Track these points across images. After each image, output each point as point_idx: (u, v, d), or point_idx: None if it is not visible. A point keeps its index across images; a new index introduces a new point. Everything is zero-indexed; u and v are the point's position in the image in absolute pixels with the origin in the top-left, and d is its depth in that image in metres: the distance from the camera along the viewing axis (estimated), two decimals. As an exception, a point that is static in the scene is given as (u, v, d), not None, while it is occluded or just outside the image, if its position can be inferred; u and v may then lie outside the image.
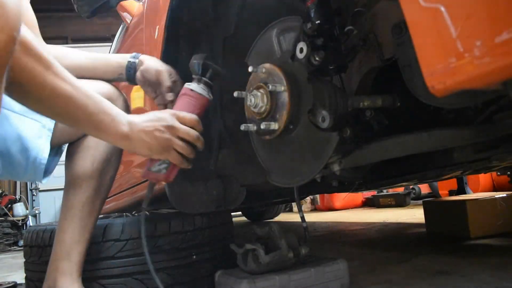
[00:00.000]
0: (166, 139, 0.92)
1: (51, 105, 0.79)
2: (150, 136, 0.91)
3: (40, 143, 1.06)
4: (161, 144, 0.92)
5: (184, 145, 0.95)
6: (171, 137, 0.93)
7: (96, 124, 0.85)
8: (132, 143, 0.90)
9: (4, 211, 5.49)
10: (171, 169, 0.97)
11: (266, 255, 1.12)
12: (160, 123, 0.92)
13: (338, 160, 0.92)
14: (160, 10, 1.26)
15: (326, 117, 0.85)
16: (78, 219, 1.07)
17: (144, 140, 0.90)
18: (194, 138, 0.96)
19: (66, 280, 1.05)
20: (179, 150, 0.94)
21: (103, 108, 0.86)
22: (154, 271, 1.00)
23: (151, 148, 0.91)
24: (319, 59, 0.86)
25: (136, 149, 0.91)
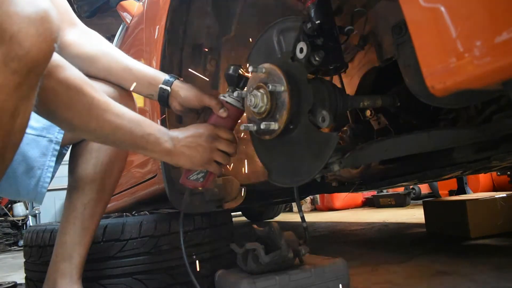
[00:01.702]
0: (208, 154, 0.97)
1: (97, 136, 0.86)
2: (193, 151, 0.96)
3: (45, 160, 1.04)
4: (204, 158, 0.97)
5: (224, 156, 1.00)
6: (213, 152, 0.98)
7: (142, 145, 0.90)
8: (175, 158, 0.95)
9: (4, 211, 5.49)
10: (208, 177, 1.02)
11: (266, 255, 1.12)
12: (202, 138, 0.97)
13: (338, 160, 0.92)
14: (160, 10, 1.26)
15: (326, 117, 0.85)
16: (79, 222, 1.07)
17: (187, 154, 0.95)
18: (232, 151, 1.01)
19: (66, 282, 1.05)
20: (220, 160, 1.00)
21: (146, 129, 0.90)
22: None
23: (193, 161, 0.96)
24: (319, 59, 0.86)
25: (179, 162, 0.96)
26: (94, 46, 1.06)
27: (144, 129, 0.90)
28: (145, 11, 1.57)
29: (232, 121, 1.04)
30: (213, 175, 1.03)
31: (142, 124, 0.91)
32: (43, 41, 0.62)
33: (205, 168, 1.00)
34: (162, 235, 1.24)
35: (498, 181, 3.94)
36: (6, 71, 0.59)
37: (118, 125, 0.86)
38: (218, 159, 1.00)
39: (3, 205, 5.52)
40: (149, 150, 0.92)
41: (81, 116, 0.81)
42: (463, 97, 0.76)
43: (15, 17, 0.59)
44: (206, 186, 1.05)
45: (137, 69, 1.07)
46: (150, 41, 1.39)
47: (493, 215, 1.94)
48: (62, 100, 0.78)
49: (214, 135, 0.99)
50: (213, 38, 1.26)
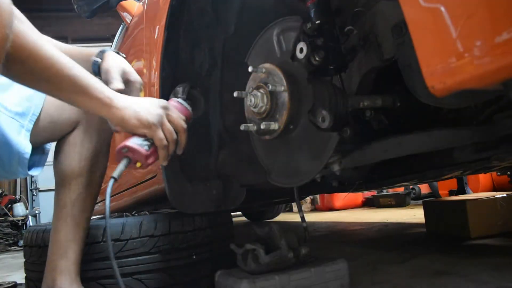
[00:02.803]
0: (158, 114, 0.88)
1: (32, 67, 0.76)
2: (142, 107, 0.86)
3: (21, 139, 1.05)
4: (153, 117, 0.87)
5: (172, 130, 0.90)
6: (164, 115, 0.89)
7: (81, 87, 0.80)
8: (119, 111, 0.84)
9: (4, 211, 5.49)
10: (153, 151, 0.89)
11: (266, 255, 1.12)
12: (155, 100, 0.90)
13: (338, 160, 0.92)
14: (160, 10, 1.26)
15: (326, 117, 0.85)
16: (70, 218, 1.08)
17: (133, 109, 0.85)
18: (183, 127, 0.93)
19: (65, 279, 1.06)
20: (166, 132, 0.89)
21: (87, 73, 0.83)
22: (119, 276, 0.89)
23: (140, 118, 0.85)
24: (319, 59, 0.86)
25: (123, 117, 0.84)
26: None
27: (84, 72, 0.82)
28: (145, 11, 1.57)
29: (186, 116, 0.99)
30: (156, 154, 0.89)
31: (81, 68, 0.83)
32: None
33: (151, 132, 0.87)
34: (162, 235, 1.25)
35: (498, 181, 3.94)
36: None
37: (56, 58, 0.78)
38: (166, 131, 0.89)
39: (3, 205, 5.52)
40: (89, 95, 0.81)
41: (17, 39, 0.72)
42: (463, 97, 0.76)
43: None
44: (147, 163, 0.88)
45: (70, 47, 1.08)
46: (150, 41, 1.39)
47: (493, 215, 1.94)
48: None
49: (167, 105, 0.92)
50: (213, 38, 1.26)
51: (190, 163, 1.26)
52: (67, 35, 7.75)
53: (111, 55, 1.07)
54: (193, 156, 1.27)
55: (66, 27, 7.62)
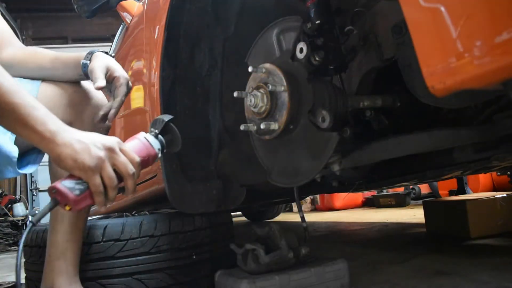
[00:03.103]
0: (99, 157, 0.79)
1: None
2: (82, 147, 0.78)
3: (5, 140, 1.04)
4: (91, 160, 0.78)
5: (113, 176, 0.81)
6: (105, 160, 0.80)
7: (22, 117, 0.75)
8: (57, 148, 0.77)
9: (4, 211, 5.49)
10: (85, 196, 0.80)
11: (266, 255, 1.12)
12: (100, 140, 0.81)
13: (338, 160, 0.92)
14: (160, 10, 1.26)
15: (326, 117, 0.85)
16: (67, 219, 1.08)
17: (73, 148, 0.78)
18: (129, 173, 0.82)
19: (64, 280, 1.06)
20: (105, 178, 0.80)
21: (35, 103, 0.78)
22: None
23: (76, 160, 0.78)
24: (319, 59, 0.86)
25: (60, 155, 0.78)
26: (22, 51, 1.13)
27: (28, 100, 0.77)
28: (145, 11, 1.57)
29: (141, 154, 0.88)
30: (90, 198, 0.81)
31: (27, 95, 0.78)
32: None
33: (87, 176, 0.79)
34: (162, 235, 1.25)
35: (498, 181, 3.94)
36: None
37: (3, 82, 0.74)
38: (105, 177, 0.80)
39: (3, 205, 5.52)
40: (30, 127, 0.75)
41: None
42: (463, 97, 0.76)
43: None
44: (75, 208, 0.79)
45: (63, 55, 1.09)
46: (150, 41, 1.39)
47: (493, 215, 1.94)
48: None
49: (117, 145, 0.82)
50: (213, 38, 1.26)
51: (190, 163, 1.26)
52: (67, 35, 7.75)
53: (98, 55, 1.07)
54: (193, 156, 1.27)
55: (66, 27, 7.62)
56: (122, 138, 0.90)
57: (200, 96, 1.29)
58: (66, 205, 0.79)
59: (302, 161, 0.94)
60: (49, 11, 7.22)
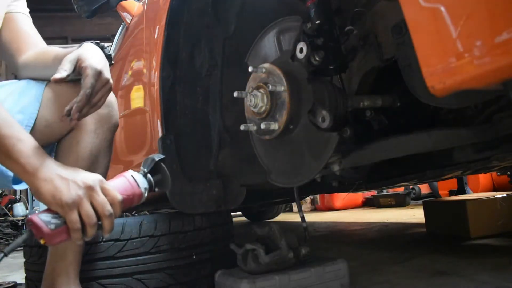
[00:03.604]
0: (77, 194, 0.79)
1: None
2: (62, 184, 0.79)
3: None
4: (69, 197, 0.79)
5: (91, 214, 0.81)
6: (84, 197, 0.80)
7: (4, 149, 0.77)
8: (37, 182, 0.79)
9: (4, 211, 5.49)
10: (60, 231, 0.80)
11: (266, 255, 1.12)
12: (81, 178, 0.82)
13: (338, 160, 0.92)
14: (160, 10, 1.26)
15: (326, 117, 0.85)
16: None
17: (53, 183, 0.79)
18: (105, 214, 0.82)
19: (63, 281, 1.05)
20: (83, 215, 0.80)
21: (21, 135, 0.79)
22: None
23: (55, 196, 0.78)
24: (319, 59, 0.86)
25: (39, 190, 0.79)
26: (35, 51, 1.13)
27: (16, 132, 0.78)
28: (145, 11, 1.57)
29: (125, 194, 0.87)
30: (67, 234, 0.80)
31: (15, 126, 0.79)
32: None
33: (63, 212, 0.79)
34: (162, 235, 1.25)
35: (498, 181, 3.94)
36: None
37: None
38: (83, 215, 0.80)
39: (3, 205, 5.52)
40: (13, 158, 0.77)
41: None
42: (463, 97, 0.76)
43: None
44: (51, 242, 0.80)
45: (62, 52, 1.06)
46: (150, 41, 1.39)
47: (493, 215, 1.93)
48: None
49: (98, 185, 0.82)
50: (213, 38, 1.26)
51: (190, 163, 1.26)
52: (67, 35, 7.76)
53: (84, 45, 1.01)
54: (193, 156, 1.27)
55: (66, 27, 7.62)
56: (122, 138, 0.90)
57: (200, 96, 1.29)
58: (41, 238, 0.79)
59: (302, 161, 0.94)
60: (49, 11, 7.22)
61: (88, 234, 0.82)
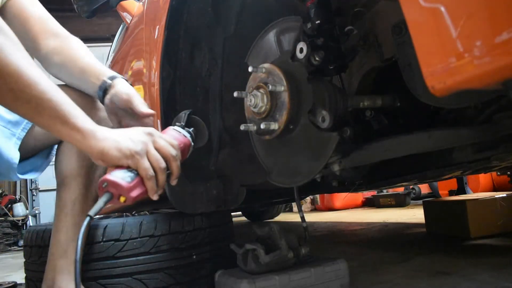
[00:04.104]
0: (141, 141, 0.80)
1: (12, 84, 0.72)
2: (123, 138, 0.79)
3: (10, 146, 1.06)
4: (136, 146, 0.78)
5: (159, 157, 0.81)
6: (148, 142, 0.81)
7: (62, 114, 0.75)
8: (100, 142, 0.77)
9: (4, 211, 5.49)
10: (137, 183, 0.79)
11: (266, 255, 1.12)
12: (139, 128, 0.83)
13: (338, 160, 0.92)
14: (160, 10, 1.26)
15: (326, 117, 0.85)
16: (70, 218, 1.08)
17: (116, 139, 0.78)
18: (172, 155, 0.83)
19: (64, 278, 1.06)
20: (152, 161, 0.80)
21: (70, 101, 0.78)
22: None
23: (121, 149, 0.77)
24: (319, 59, 0.86)
25: (104, 149, 0.77)
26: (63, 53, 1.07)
27: (68, 99, 0.78)
28: (145, 11, 1.57)
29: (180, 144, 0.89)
30: (143, 185, 0.79)
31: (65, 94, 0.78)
32: None
33: (135, 161, 0.78)
34: (162, 235, 1.25)
35: (498, 181, 3.94)
36: None
37: (39, 79, 0.74)
38: (152, 160, 0.79)
39: (3, 205, 5.52)
40: (70, 124, 0.75)
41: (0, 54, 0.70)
42: (463, 97, 0.76)
43: None
44: (131, 197, 0.78)
45: (88, 70, 1.04)
46: (150, 41, 1.39)
47: (493, 215, 1.94)
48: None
49: (152, 132, 0.83)
50: (213, 38, 1.26)
51: (190, 163, 1.26)
52: (67, 35, 7.75)
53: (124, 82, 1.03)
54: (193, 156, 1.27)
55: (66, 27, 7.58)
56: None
57: (200, 96, 1.29)
58: (120, 196, 0.78)
59: (302, 161, 0.94)
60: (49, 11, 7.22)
61: (160, 182, 0.81)
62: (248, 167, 1.26)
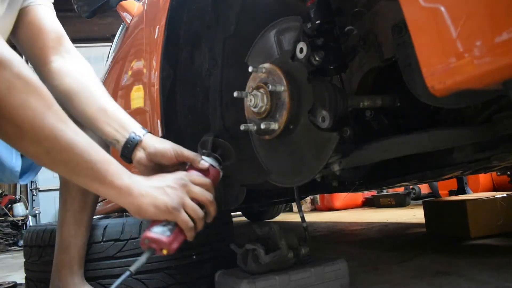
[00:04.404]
0: (178, 196, 0.81)
1: (49, 148, 0.71)
2: (159, 192, 0.80)
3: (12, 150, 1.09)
4: (172, 201, 0.80)
5: (196, 208, 0.84)
6: (184, 195, 0.82)
7: (99, 175, 0.76)
8: (136, 199, 0.78)
9: (4, 211, 5.49)
10: (176, 235, 0.82)
11: (266, 255, 1.12)
12: (171, 180, 0.83)
13: (338, 160, 0.92)
14: (160, 10, 1.26)
15: (326, 117, 0.85)
16: (71, 214, 1.10)
17: (151, 195, 0.79)
18: (209, 199, 0.86)
19: (67, 273, 1.09)
20: (190, 212, 0.83)
21: (106, 157, 0.78)
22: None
23: (158, 205, 0.79)
24: (319, 59, 0.86)
25: (141, 206, 0.79)
26: (77, 79, 1.00)
27: (103, 155, 0.77)
28: (145, 11, 1.57)
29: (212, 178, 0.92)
30: (182, 234, 0.83)
31: (101, 150, 0.77)
32: None
33: (172, 217, 0.81)
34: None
35: (498, 181, 3.94)
36: None
37: (75, 141, 0.73)
38: (190, 211, 0.82)
39: (3, 205, 5.52)
40: (107, 183, 0.76)
41: (35, 118, 0.68)
42: (463, 97, 0.76)
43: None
44: (172, 248, 0.82)
45: (112, 110, 0.97)
46: (150, 41, 1.39)
47: (493, 215, 1.94)
48: (17, 96, 0.67)
49: (187, 178, 0.85)
50: (213, 38, 1.26)
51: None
52: (67, 35, 7.74)
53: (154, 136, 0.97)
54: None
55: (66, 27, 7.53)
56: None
57: (200, 96, 1.29)
58: (161, 250, 0.82)
59: (302, 161, 0.94)
60: (49, 11, 7.21)
61: (198, 228, 0.85)
62: (248, 167, 1.26)
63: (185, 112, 1.28)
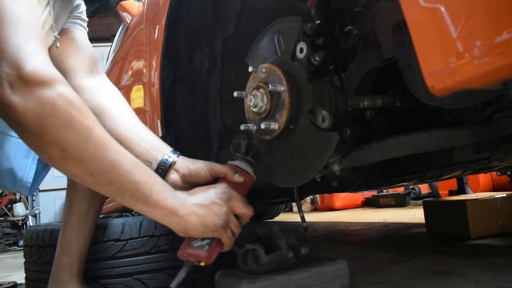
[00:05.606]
0: (224, 213, 0.80)
1: (93, 170, 0.70)
2: (207, 211, 0.79)
3: (26, 162, 1.07)
4: (220, 220, 0.80)
5: (238, 223, 0.84)
6: (229, 212, 0.82)
7: (144, 196, 0.74)
8: (183, 219, 0.77)
9: (4, 211, 5.49)
10: (214, 247, 0.83)
11: (266, 255, 1.12)
12: (215, 196, 0.82)
13: (338, 160, 0.92)
14: (160, 10, 1.26)
15: (326, 117, 0.85)
16: (75, 216, 1.10)
17: (197, 214, 0.78)
18: (250, 214, 0.86)
19: (66, 275, 1.09)
20: (233, 228, 0.82)
21: (150, 177, 0.77)
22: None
23: (207, 225, 0.78)
24: (319, 59, 0.86)
25: (188, 226, 0.78)
26: (107, 97, 1.01)
27: (147, 175, 0.76)
28: (145, 11, 1.57)
29: (244, 189, 0.91)
30: (220, 245, 0.84)
31: (145, 169, 0.77)
32: None
33: (219, 234, 0.81)
34: (162, 235, 1.24)
35: (498, 181, 3.94)
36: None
37: (119, 162, 0.72)
38: (233, 228, 0.83)
39: (3, 205, 5.52)
40: (152, 204, 0.75)
41: (78, 139, 0.67)
42: (463, 97, 0.76)
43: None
44: (210, 261, 0.83)
45: (142, 131, 0.97)
46: (150, 41, 1.39)
47: (493, 215, 1.94)
48: (60, 116, 0.66)
49: (228, 191, 0.85)
50: (213, 38, 1.26)
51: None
52: (67, 35, 7.73)
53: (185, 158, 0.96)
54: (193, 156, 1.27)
55: (66, 27, 7.59)
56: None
57: (200, 96, 1.29)
58: (200, 262, 0.84)
59: (302, 161, 0.94)
60: (49, 11, 7.19)
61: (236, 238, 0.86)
62: (248, 167, 1.26)
63: (185, 112, 1.28)
